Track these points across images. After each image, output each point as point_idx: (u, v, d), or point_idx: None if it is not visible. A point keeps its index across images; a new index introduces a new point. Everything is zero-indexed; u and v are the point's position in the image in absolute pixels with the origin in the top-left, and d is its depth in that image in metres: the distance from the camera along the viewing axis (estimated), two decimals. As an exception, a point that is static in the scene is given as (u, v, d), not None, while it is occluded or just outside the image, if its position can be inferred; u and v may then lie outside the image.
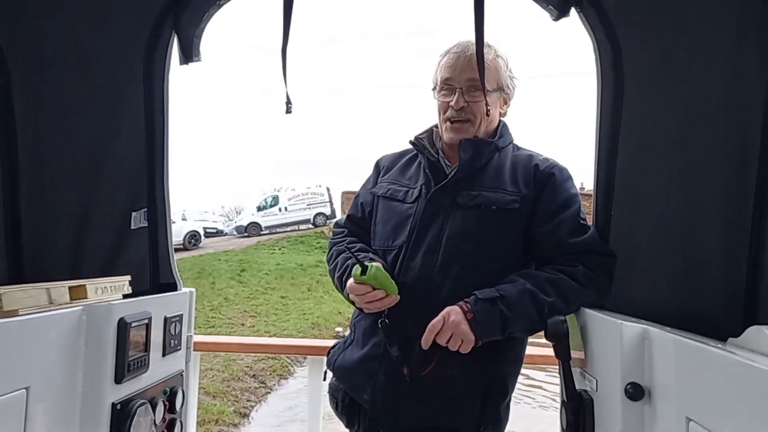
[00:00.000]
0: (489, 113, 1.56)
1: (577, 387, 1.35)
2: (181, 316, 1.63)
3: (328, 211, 25.48)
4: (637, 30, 1.42)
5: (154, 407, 1.45)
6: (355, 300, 1.53)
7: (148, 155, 1.67)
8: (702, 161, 1.23)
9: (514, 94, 1.68)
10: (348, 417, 1.63)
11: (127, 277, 1.55)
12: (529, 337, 1.61)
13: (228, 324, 11.32)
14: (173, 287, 1.72)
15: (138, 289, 1.58)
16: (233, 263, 18.07)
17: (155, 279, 1.71)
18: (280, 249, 21.40)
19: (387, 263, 1.55)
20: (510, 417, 1.58)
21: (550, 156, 1.64)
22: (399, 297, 1.48)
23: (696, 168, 1.24)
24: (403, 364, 1.45)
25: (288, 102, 1.49)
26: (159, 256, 1.71)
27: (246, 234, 25.79)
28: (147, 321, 1.43)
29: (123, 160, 1.67)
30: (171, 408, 1.56)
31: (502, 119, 1.68)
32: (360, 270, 1.46)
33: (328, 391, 1.71)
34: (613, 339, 1.17)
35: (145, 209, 1.69)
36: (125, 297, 1.49)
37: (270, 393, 7.99)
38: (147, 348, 1.43)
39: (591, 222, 1.54)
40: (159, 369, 1.51)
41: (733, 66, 1.16)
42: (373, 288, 1.46)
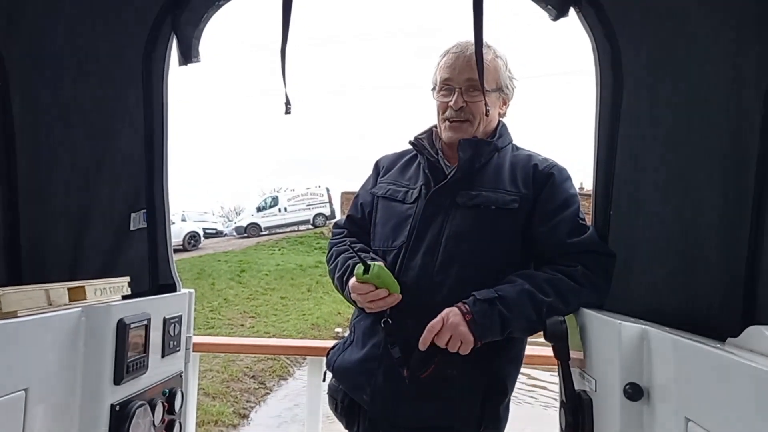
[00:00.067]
0: (488, 113, 1.56)
1: (576, 387, 1.35)
2: (181, 317, 1.63)
3: (327, 212, 25.48)
4: (636, 30, 1.42)
5: (153, 408, 1.45)
6: (357, 299, 1.52)
7: (147, 156, 1.67)
8: (701, 161, 1.23)
9: (513, 94, 1.68)
10: (347, 418, 1.63)
11: (126, 278, 1.54)
12: (532, 338, 1.61)
13: (227, 325, 11.32)
14: (172, 288, 1.72)
15: (137, 290, 1.58)
16: (233, 264, 18.07)
17: (154, 280, 1.71)
18: (279, 250, 21.40)
19: (387, 263, 1.55)
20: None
21: (549, 156, 1.64)
22: (401, 296, 1.48)
23: (695, 168, 1.24)
24: (404, 365, 1.46)
25: (287, 102, 1.50)
26: (158, 257, 1.72)
27: (246, 235, 25.79)
28: (146, 322, 1.43)
29: (122, 161, 1.67)
30: (170, 409, 1.55)
31: (501, 119, 1.69)
32: (363, 269, 1.45)
33: (327, 392, 1.71)
34: (612, 339, 1.17)
35: (144, 210, 1.69)
36: (124, 298, 1.48)
37: (269, 394, 8.00)
38: (146, 349, 1.43)
39: (590, 222, 1.54)
40: (158, 370, 1.51)
41: (732, 66, 1.16)
42: (376, 287, 1.46)
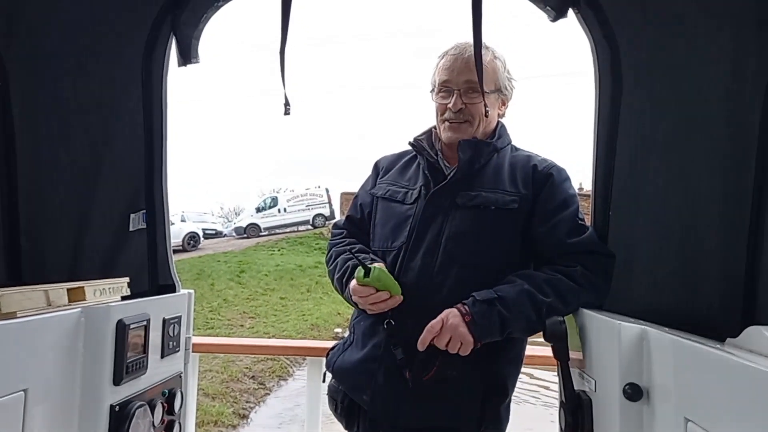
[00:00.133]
0: (488, 114, 1.56)
1: (576, 387, 1.35)
2: (180, 317, 1.63)
3: (327, 212, 25.47)
4: (635, 30, 1.42)
5: (152, 409, 1.45)
6: (359, 302, 1.52)
7: (146, 156, 1.67)
8: (700, 161, 1.23)
9: (512, 95, 1.68)
10: (347, 418, 1.62)
11: (126, 279, 1.54)
12: (534, 338, 1.60)
13: (227, 325, 11.33)
14: (172, 289, 1.72)
15: (136, 291, 1.58)
16: (232, 264, 18.07)
17: (154, 280, 1.71)
18: (279, 250, 21.39)
19: (386, 264, 1.55)
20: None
21: (549, 157, 1.64)
22: (403, 297, 1.48)
23: (694, 168, 1.24)
24: (406, 367, 1.45)
25: (286, 103, 1.49)
26: (157, 257, 1.71)
27: (245, 235, 25.78)
28: (145, 322, 1.43)
29: (121, 161, 1.67)
30: (170, 409, 1.55)
31: (500, 120, 1.69)
32: (363, 272, 1.46)
33: (327, 393, 1.71)
34: (612, 339, 1.17)
35: (144, 211, 1.69)
36: (124, 299, 1.48)
37: (269, 394, 8.01)
38: (145, 350, 1.43)
39: (589, 222, 1.54)
40: (157, 370, 1.51)
41: (731, 66, 1.16)
42: (377, 290, 1.47)
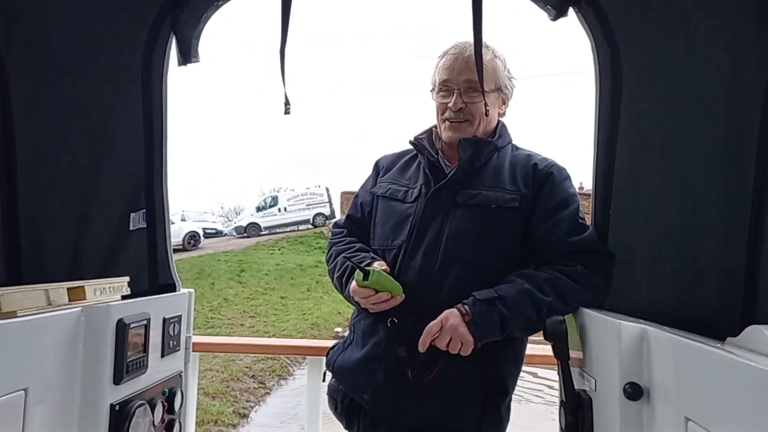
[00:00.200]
0: (488, 113, 1.56)
1: (576, 387, 1.35)
2: (180, 316, 1.63)
3: (327, 212, 25.45)
4: (635, 30, 1.42)
5: (152, 408, 1.45)
6: (360, 302, 1.53)
7: (146, 156, 1.67)
8: (700, 161, 1.23)
9: (512, 94, 1.68)
10: (347, 418, 1.62)
11: (126, 278, 1.54)
12: (534, 337, 1.60)
13: (227, 324, 11.33)
14: (172, 288, 1.72)
15: (137, 290, 1.58)
16: (232, 264, 18.07)
17: (154, 280, 1.71)
18: (279, 249, 21.39)
19: (387, 262, 1.55)
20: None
21: (549, 156, 1.64)
22: (404, 296, 1.48)
23: (694, 168, 1.24)
24: (409, 366, 1.45)
25: (287, 103, 1.49)
26: (158, 256, 1.71)
27: (245, 234, 25.77)
28: (146, 322, 1.43)
29: (122, 161, 1.67)
30: (170, 409, 1.55)
31: (500, 119, 1.69)
32: (362, 276, 1.46)
33: (327, 393, 1.71)
34: (612, 339, 1.17)
35: (144, 210, 1.69)
36: (124, 298, 1.48)
37: (269, 393, 8.01)
38: (146, 349, 1.43)
39: (590, 222, 1.54)
40: (158, 370, 1.51)
41: (731, 65, 1.16)
42: (376, 291, 1.47)
